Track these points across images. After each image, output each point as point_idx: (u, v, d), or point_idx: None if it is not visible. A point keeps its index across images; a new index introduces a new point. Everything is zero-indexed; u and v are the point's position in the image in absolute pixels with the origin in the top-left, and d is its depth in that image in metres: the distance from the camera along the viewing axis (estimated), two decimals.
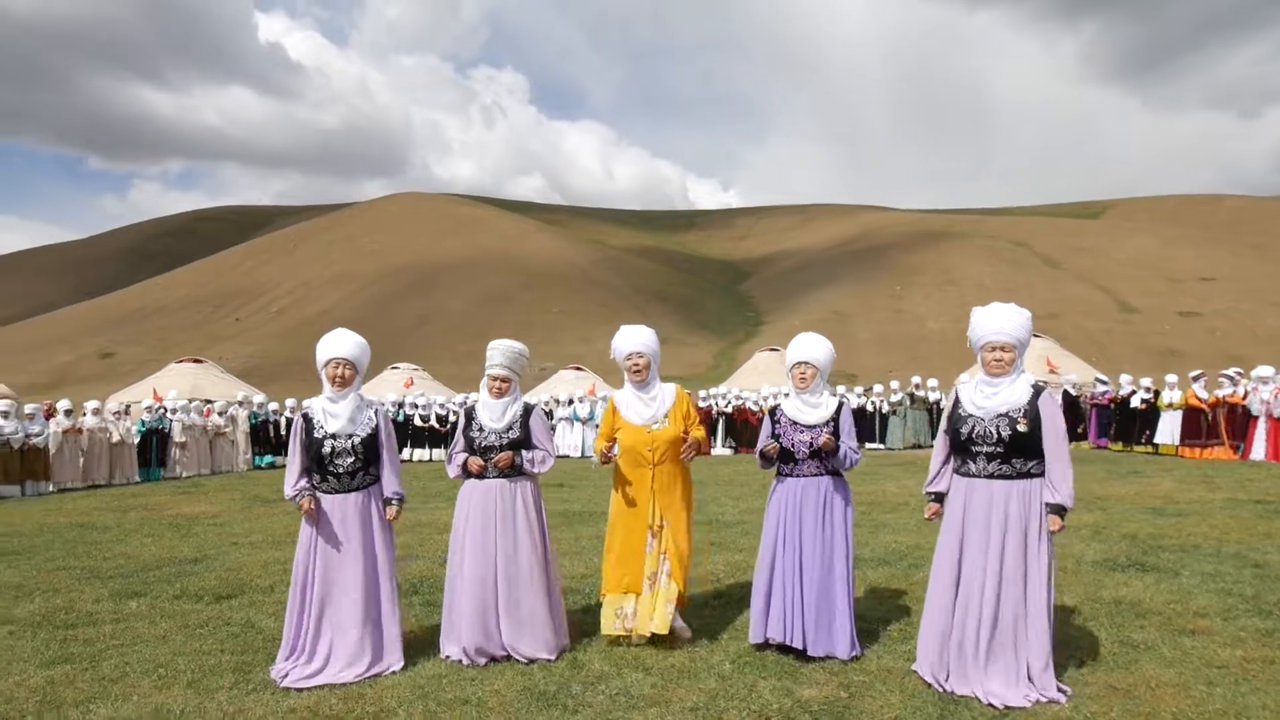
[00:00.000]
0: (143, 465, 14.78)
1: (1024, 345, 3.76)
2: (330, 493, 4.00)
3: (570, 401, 19.90)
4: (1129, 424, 17.42)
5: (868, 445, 19.41)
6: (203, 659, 4.12)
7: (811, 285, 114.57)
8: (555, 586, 4.26)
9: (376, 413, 4.16)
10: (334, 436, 3.99)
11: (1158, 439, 16.19)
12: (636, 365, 4.48)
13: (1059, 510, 3.58)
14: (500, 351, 4.36)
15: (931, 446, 19.55)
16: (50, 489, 12.77)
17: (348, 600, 3.89)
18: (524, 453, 4.27)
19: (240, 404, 17.07)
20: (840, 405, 4.28)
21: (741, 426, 19.81)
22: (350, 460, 4.00)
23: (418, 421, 18.30)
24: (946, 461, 3.88)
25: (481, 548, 4.13)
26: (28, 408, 13.15)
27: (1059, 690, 3.45)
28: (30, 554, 7.25)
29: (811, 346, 4.29)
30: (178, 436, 14.91)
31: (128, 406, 15.39)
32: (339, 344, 4.09)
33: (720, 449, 19.52)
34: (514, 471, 4.23)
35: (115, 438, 13.97)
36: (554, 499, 10.06)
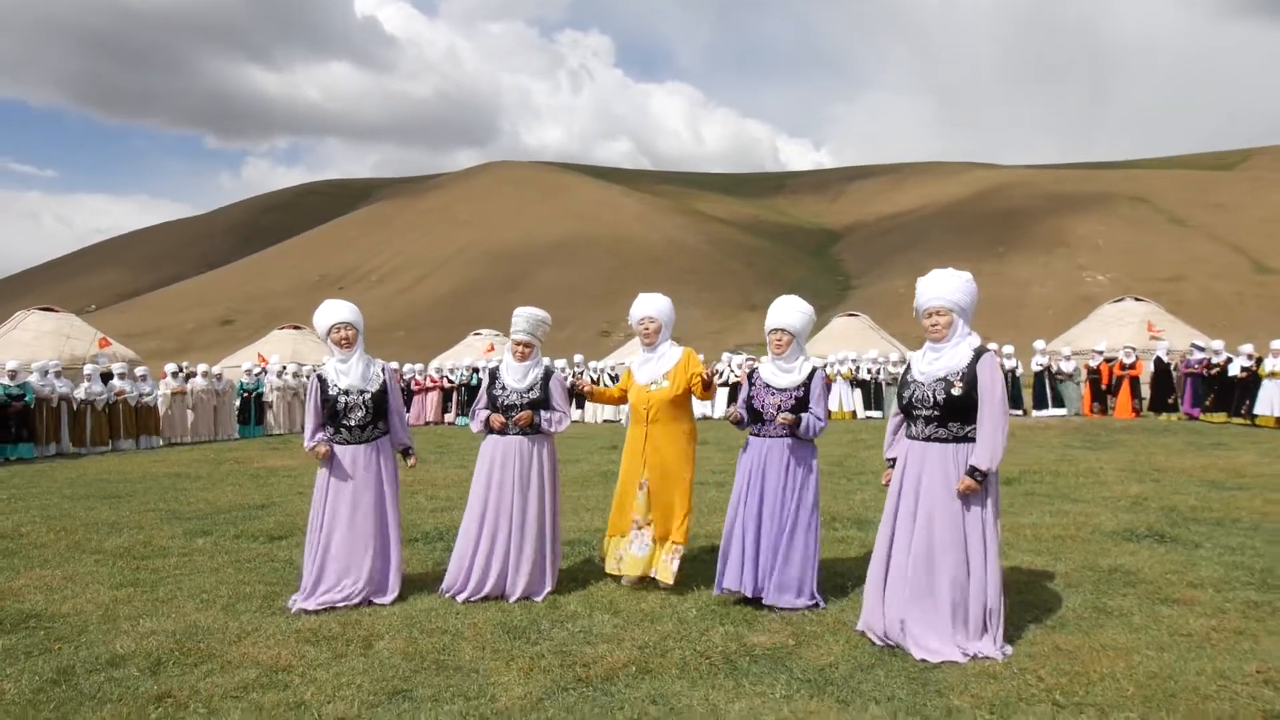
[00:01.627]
0: (244, 423, 16.21)
1: (964, 309, 3.77)
2: (344, 444, 4.45)
3: None
4: (1227, 394, 16.31)
5: None
6: (240, 587, 4.72)
7: (905, 248, 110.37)
8: (557, 539, 4.62)
9: (384, 370, 4.58)
10: (346, 393, 4.43)
11: (1257, 410, 15.12)
12: (646, 329, 4.75)
13: (972, 472, 3.59)
14: (524, 318, 4.69)
15: (1012, 415, 18.47)
16: (160, 443, 14.21)
17: (357, 538, 4.35)
18: (542, 413, 4.60)
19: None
20: (813, 371, 4.40)
21: None
22: (361, 414, 4.44)
23: None
24: (900, 427, 3.96)
25: (498, 498, 4.50)
26: (138, 370, 14.60)
27: (998, 648, 3.52)
28: (130, 498, 8.24)
29: (787, 313, 4.40)
30: (268, 397, 16.20)
31: (220, 373, 16.81)
32: (337, 311, 4.52)
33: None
34: (533, 430, 4.57)
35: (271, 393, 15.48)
36: (604, 460, 10.47)
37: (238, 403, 16.21)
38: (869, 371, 19.55)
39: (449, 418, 19.41)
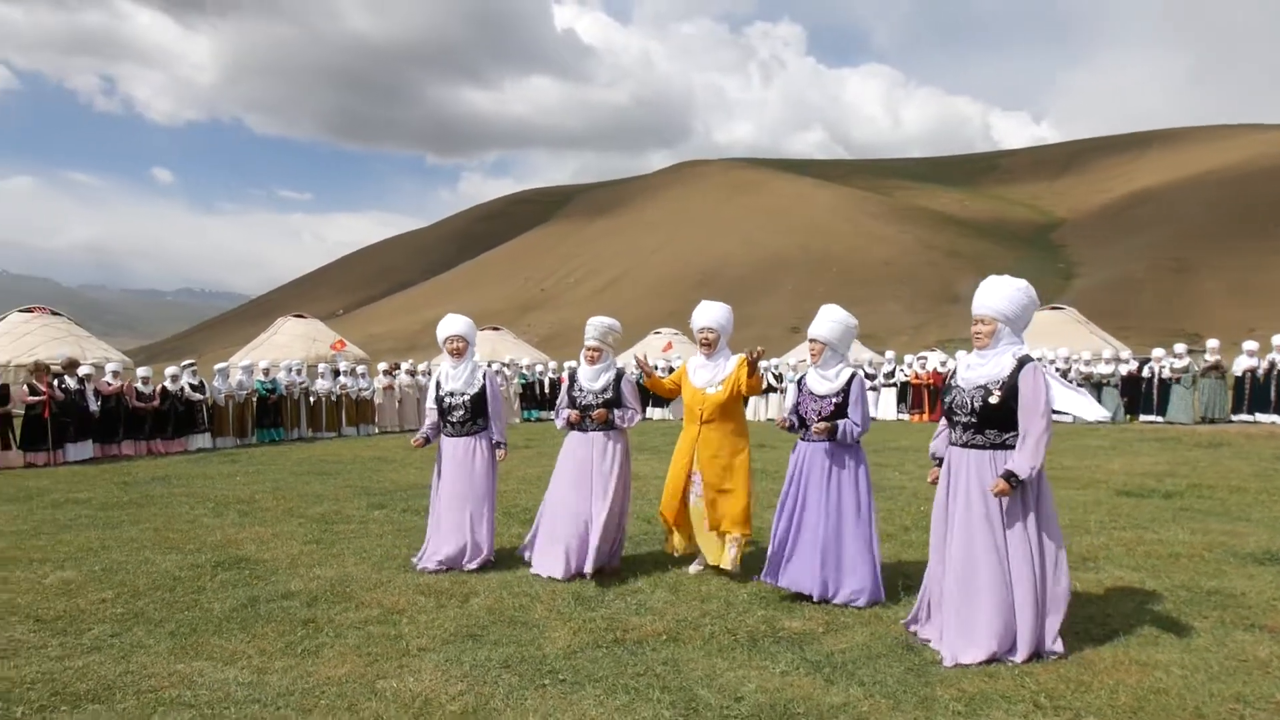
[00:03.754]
0: None
1: (1010, 318, 3.79)
2: (450, 436, 5.39)
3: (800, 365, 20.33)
4: None
5: (1143, 417, 17.06)
6: (391, 550, 5.83)
7: (1142, 228, 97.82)
8: (624, 523, 5.23)
9: (484, 375, 5.44)
10: (450, 394, 5.35)
11: None
12: (706, 339, 5.19)
13: (1008, 476, 3.60)
14: (594, 327, 5.37)
15: (1230, 421, 16.80)
16: (375, 431, 16.62)
17: (453, 513, 5.25)
18: (615, 411, 5.24)
19: (507, 365, 20.27)
20: (852, 376, 4.61)
21: None
22: (460, 413, 5.34)
23: None
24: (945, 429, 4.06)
25: (576, 487, 5.19)
26: (358, 368, 17.16)
27: (1011, 654, 3.57)
28: (337, 475, 10.00)
29: (820, 323, 4.65)
30: None
31: (422, 368, 19.19)
32: (452, 325, 5.44)
33: None
34: (607, 426, 5.23)
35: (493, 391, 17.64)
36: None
37: None
38: (1056, 370, 18.03)
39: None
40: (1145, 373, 17.25)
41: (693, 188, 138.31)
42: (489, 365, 19.53)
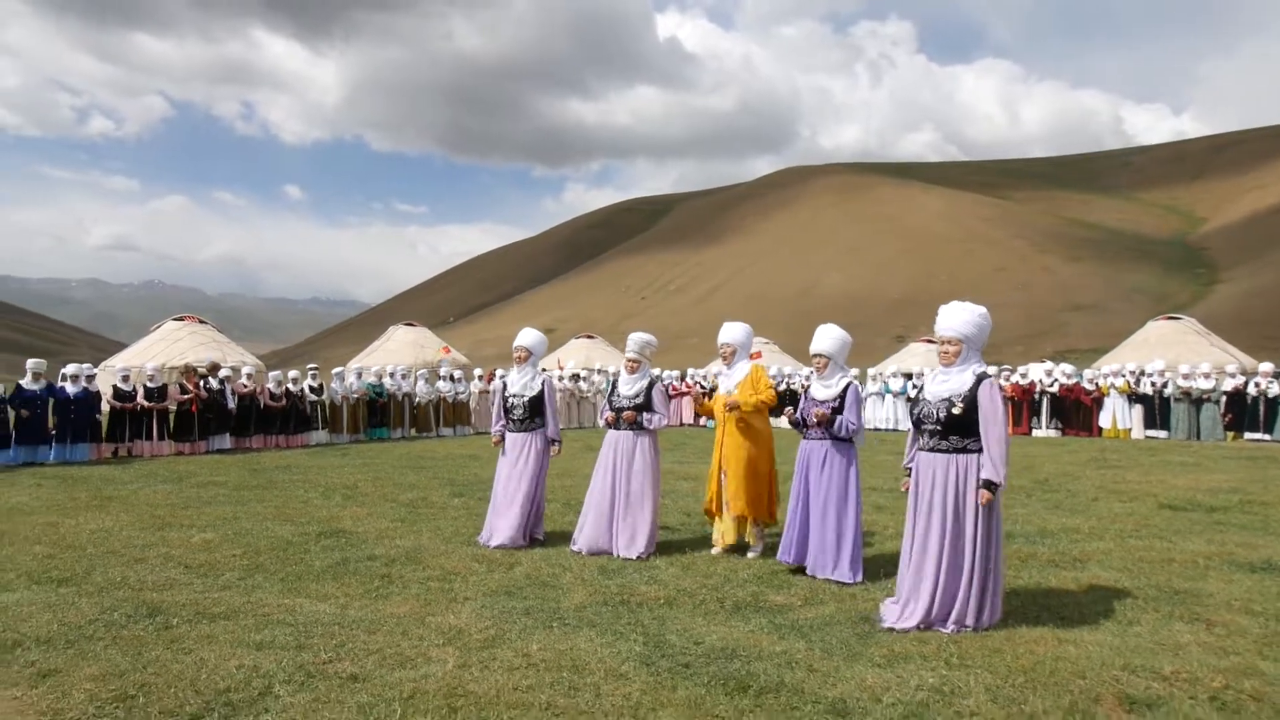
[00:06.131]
0: None
1: (971, 339, 4.36)
2: (511, 431, 6.36)
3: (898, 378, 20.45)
4: None
5: (1248, 435, 16.23)
6: (461, 528, 6.86)
7: None
8: (655, 512, 6.01)
9: (543, 381, 6.38)
10: (513, 395, 6.33)
11: None
12: (723, 353, 6.08)
13: (988, 485, 4.17)
14: (634, 341, 6.26)
15: None
16: (470, 432, 18.07)
17: (514, 499, 6.20)
18: (644, 415, 6.07)
19: (598, 373, 21.40)
20: (848, 385, 5.30)
21: (1072, 407, 18.08)
22: (520, 411, 6.30)
23: None
24: (915, 441, 4.64)
25: (608, 477, 6.07)
26: (455, 373, 18.68)
27: (957, 627, 4.14)
28: (429, 469, 11.27)
29: (821, 340, 5.40)
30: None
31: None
32: (519, 338, 6.49)
33: (1045, 430, 18.10)
34: (637, 427, 6.07)
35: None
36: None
37: None
38: (1153, 385, 17.35)
39: (702, 420, 21.36)
40: (1250, 389, 16.41)
41: (795, 195, 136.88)
42: (558, 371, 20.71)
